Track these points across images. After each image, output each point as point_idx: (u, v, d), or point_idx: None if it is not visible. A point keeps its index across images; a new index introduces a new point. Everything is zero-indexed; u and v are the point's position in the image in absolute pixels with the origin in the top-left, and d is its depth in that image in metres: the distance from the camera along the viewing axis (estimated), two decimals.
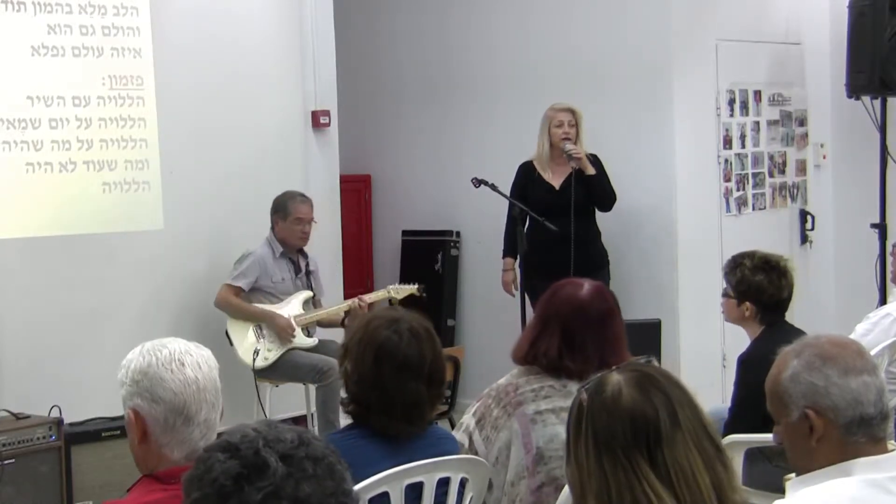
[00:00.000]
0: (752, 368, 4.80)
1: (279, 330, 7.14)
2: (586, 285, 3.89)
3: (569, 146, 7.60)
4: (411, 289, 7.42)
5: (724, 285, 5.14)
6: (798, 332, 4.82)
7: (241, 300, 7.17)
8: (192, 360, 2.82)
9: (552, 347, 3.79)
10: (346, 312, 7.22)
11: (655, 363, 2.42)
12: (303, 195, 7.34)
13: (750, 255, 5.09)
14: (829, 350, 2.62)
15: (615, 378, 2.27)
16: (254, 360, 7.03)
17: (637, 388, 2.25)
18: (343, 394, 3.58)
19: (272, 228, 7.30)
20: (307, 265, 7.40)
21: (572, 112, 7.70)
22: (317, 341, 7.23)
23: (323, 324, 7.35)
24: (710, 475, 2.21)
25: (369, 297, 7.26)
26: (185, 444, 2.79)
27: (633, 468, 2.19)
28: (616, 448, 2.20)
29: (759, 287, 4.99)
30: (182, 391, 2.78)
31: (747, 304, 5.02)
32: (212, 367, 2.84)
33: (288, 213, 7.24)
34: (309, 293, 7.35)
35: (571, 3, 8.52)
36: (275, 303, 7.23)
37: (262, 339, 7.15)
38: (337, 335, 7.13)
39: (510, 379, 3.87)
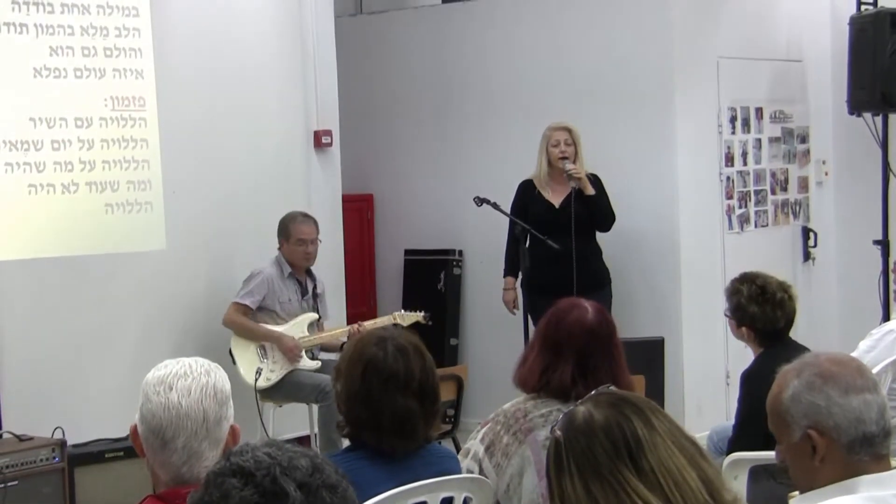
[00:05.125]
0: (756, 384, 4.81)
1: (286, 351, 7.15)
2: (590, 308, 3.87)
3: (569, 166, 7.61)
4: (417, 316, 7.37)
5: (726, 306, 5.19)
6: (801, 349, 4.82)
7: (249, 319, 7.18)
8: (184, 384, 2.79)
9: (566, 375, 3.76)
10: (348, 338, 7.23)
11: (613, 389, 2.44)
12: (304, 214, 7.35)
13: (749, 281, 5.11)
14: (829, 369, 2.62)
15: (582, 408, 2.28)
16: (256, 379, 7.04)
17: (606, 406, 2.25)
18: (339, 416, 3.59)
19: (280, 249, 7.32)
20: (314, 287, 7.41)
21: (569, 131, 7.71)
22: (320, 364, 7.23)
23: (324, 348, 7.36)
24: (697, 472, 2.20)
25: (369, 324, 7.24)
26: (167, 467, 2.78)
27: (621, 485, 2.18)
28: (601, 469, 2.19)
29: (752, 317, 5.04)
30: (160, 414, 2.76)
31: (744, 329, 5.08)
32: (209, 395, 2.79)
33: (290, 234, 7.26)
34: (314, 316, 7.35)
35: (572, 21, 8.54)
36: (280, 324, 7.25)
37: (265, 360, 7.16)
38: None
39: (517, 404, 3.84)
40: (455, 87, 9.13)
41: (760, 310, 5.03)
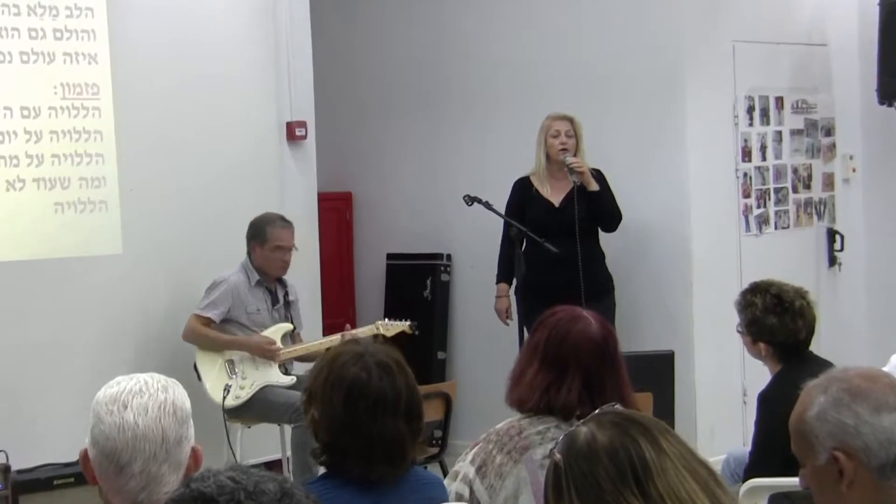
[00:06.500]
0: (774, 405, 4.82)
1: (261, 350, 7.14)
2: (591, 319, 3.88)
3: (569, 159, 7.61)
4: (402, 325, 7.38)
5: (738, 321, 5.19)
6: (824, 364, 4.82)
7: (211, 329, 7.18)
8: (139, 402, 2.78)
9: (572, 394, 3.76)
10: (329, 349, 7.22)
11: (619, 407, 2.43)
12: (283, 219, 7.35)
13: (762, 292, 5.12)
14: (858, 384, 2.62)
15: (584, 428, 2.27)
16: (224, 398, 7.02)
17: (611, 427, 2.25)
18: (314, 443, 3.57)
19: (248, 254, 7.30)
20: (286, 295, 7.41)
21: (570, 121, 7.72)
22: (294, 380, 7.23)
23: (303, 359, 7.35)
24: (711, 499, 2.20)
25: (359, 332, 7.27)
26: (122, 494, 2.76)
27: None
28: (604, 496, 2.18)
29: (771, 330, 5.04)
30: (115, 436, 2.75)
31: (762, 344, 5.07)
32: (167, 413, 2.79)
33: (266, 239, 7.25)
34: (288, 326, 7.35)
35: (574, 3, 8.55)
36: (250, 336, 7.24)
37: (234, 376, 7.15)
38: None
39: (511, 421, 3.84)
40: (445, 75, 9.13)
41: (779, 321, 5.03)
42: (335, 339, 7.30)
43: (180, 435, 2.80)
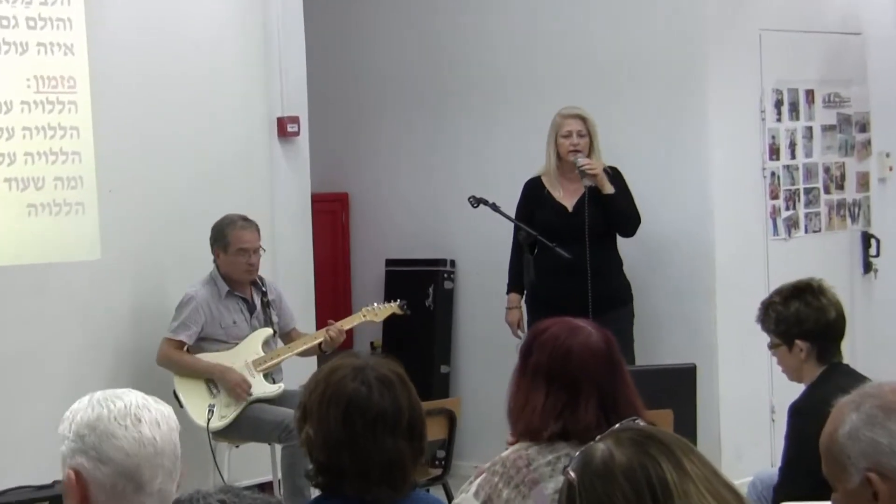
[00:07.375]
0: (807, 418, 4.83)
1: (232, 388, 7.13)
2: (589, 328, 3.87)
3: (581, 160, 7.60)
4: (391, 307, 7.44)
5: (768, 339, 5.20)
6: (859, 378, 4.84)
7: (184, 353, 7.17)
8: (150, 416, 2.81)
9: (588, 414, 3.75)
10: (320, 345, 7.26)
11: (640, 423, 2.43)
12: (245, 219, 7.30)
13: (777, 291, 5.19)
14: (892, 401, 2.62)
15: (601, 445, 2.27)
16: (209, 419, 7.02)
17: (630, 445, 2.25)
18: (308, 464, 3.57)
19: (214, 262, 7.30)
20: (263, 296, 7.39)
21: (583, 119, 7.71)
22: (282, 388, 7.23)
23: (304, 355, 7.37)
24: None
25: (344, 323, 7.32)
26: None
27: None
28: None
29: (798, 317, 5.05)
30: (136, 452, 2.77)
31: (798, 343, 5.07)
32: (172, 427, 2.84)
33: (228, 242, 7.22)
34: (267, 331, 7.33)
35: None
36: (232, 348, 7.24)
37: (217, 395, 7.15)
38: (309, 368, 7.13)
39: (518, 450, 3.81)
40: (446, 67, 9.13)
41: (803, 303, 5.06)
42: (319, 335, 7.33)
43: (180, 451, 2.85)
